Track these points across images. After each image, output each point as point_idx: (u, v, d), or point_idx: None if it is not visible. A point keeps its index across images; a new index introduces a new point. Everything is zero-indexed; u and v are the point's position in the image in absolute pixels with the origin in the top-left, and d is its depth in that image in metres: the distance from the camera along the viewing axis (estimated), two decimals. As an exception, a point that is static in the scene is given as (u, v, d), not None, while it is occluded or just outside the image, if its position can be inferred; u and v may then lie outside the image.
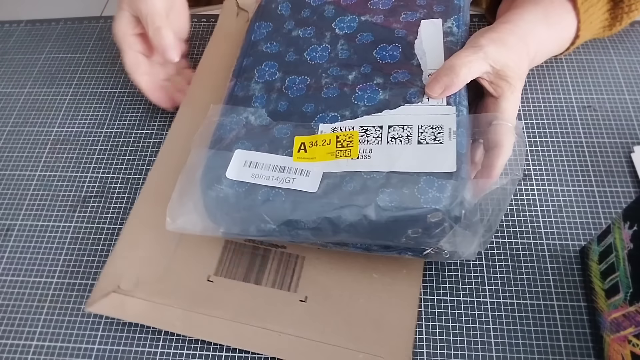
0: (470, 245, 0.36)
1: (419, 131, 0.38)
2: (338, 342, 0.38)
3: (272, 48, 0.46)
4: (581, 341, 0.39)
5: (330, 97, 0.41)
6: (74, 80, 0.56)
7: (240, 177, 0.39)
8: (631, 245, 0.34)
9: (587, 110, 0.50)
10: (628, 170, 0.46)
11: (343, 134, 0.39)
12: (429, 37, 0.43)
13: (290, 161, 0.39)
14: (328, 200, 0.36)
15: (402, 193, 0.35)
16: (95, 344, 0.41)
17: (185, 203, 0.39)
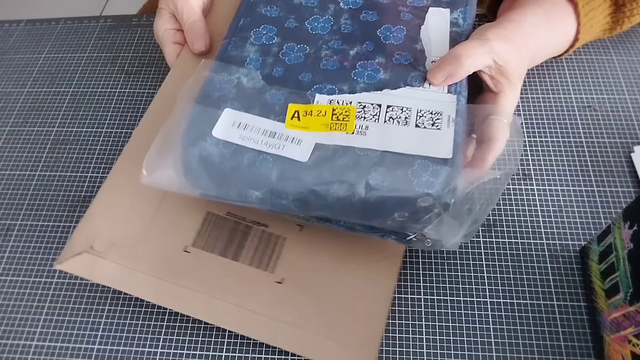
0: (455, 236, 0.35)
1: (418, 115, 0.37)
2: (309, 327, 0.38)
3: (271, 12, 0.44)
4: (581, 341, 0.39)
5: (329, 70, 0.40)
6: (74, 80, 0.56)
7: (228, 137, 0.37)
8: (631, 245, 0.34)
9: (587, 110, 0.50)
10: (628, 170, 0.46)
11: (340, 107, 0.38)
12: (435, 25, 0.42)
13: (282, 127, 0.37)
14: (318, 171, 0.35)
15: (395, 174, 0.34)
16: (95, 344, 0.41)
17: (164, 157, 0.37)
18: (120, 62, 0.58)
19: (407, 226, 0.36)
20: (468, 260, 0.42)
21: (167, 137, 0.38)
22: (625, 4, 0.48)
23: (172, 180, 0.38)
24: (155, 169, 0.37)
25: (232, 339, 0.40)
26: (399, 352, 0.39)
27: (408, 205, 0.34)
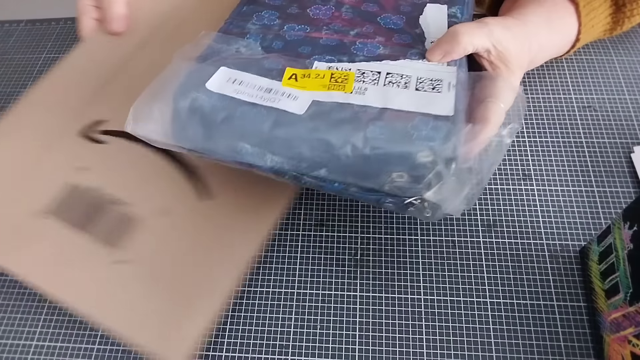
0: (456, 198, 0.33)
1: (418, 81, 0.36)
2: (144, 311, 0.38)
3: (274, 1, 0.44)
4: (581, 341, 0.39)
5: (328, 45, 0.40)
6: (74, 80, 0.56)
7: (222, 90, 0.36)
8: (631, 245, 0.34)
9: (587, 110, 0.50)
10: (628, 170, 0.46)
11: (338, 72, 0.37)
12: (433, 15, 0.42)
13: (279, 85, 0.36)
14: (314, 124, 0.34)
15: (394, 127, 0.33)
16: (95, 344, 0.41)
17: (153, 107, 0.36)
18: (120, 62, 0.57)
19: (407, 188, 0.33)
20: (468, 260, 0.42)
21: (159, 88, 0.37)
22: (625, 4, 0.48)
23: (160, 132, 0.36)
24: (142, 118, 0.36)
25: (232, 339, 0.40)
26: (399, 352, 0.39)
27: (407, 160, 0.32)
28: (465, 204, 0.34)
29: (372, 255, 0.43)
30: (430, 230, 0.44)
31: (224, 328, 0.41)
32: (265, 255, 0.44)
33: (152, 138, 0.37)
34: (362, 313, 0.41)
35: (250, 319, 0.41)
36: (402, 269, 0.42)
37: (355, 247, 0.44)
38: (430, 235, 0.44)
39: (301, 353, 0.39)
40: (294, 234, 0.45)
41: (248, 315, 0.41)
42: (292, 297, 0.42)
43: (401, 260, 0.43)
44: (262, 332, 0.40)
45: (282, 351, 0.39)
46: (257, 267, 0.43)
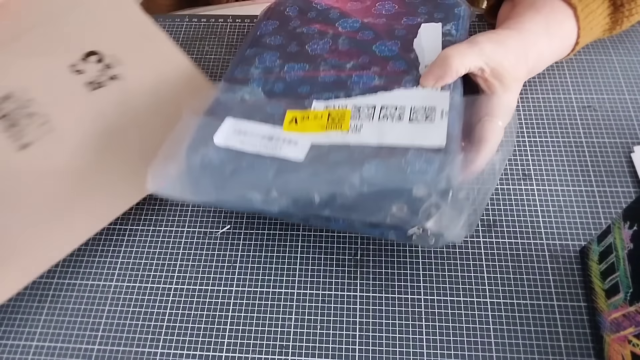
0: (456, 226, 0.34)
1: (411, 111, 0.38)
2: None
3: (275, 41, 0.47)
4: (581, 341, 0.39)
5: (326, 82, 0.42)
6: (74, 81, 0.56)
7: (228, 143, 0.38)
8: (631, 245, 0.34)
9: (587, 110, 0.50)
10: (628, 170, 0.46)
11: (335, 111, 0.39)
12: (428, 36, 0.44)
13: (280, 130, 0.39)
14: (313, 168, 0.36)
15: (388, 164, 0.34)
16: (96, 344, 0.41)
17: (168, 166, 0.39)
18: (120, 62, 0.57)
19: (406, 220, 0.35)
20: (468, 260, 0.42)
21: (172, 147, 0.39)
22: (623, 4, 0.48)
23: (176, 187, 0.38)
24: (159, 176, 0.39)
25: (232, 339, 0.40)
26: (399, 352, 0.39)
27: (404, 195, 0.34)
28: (466, 231, 0.35)
29: (372, 255, 0.43)
30: (430, 230, 0.44)
31: (224, 328, 0.41)
32: (266, 255, 0.44)
33: (172, 195, 0.39)
34: (362, 313, 0.41)
35: (250, 319, 0.41)
36: (402, 269, 0.42)
37: (355, 247, 0.44)
38: (430, 235, 0.44)
39: (301, 353, 0.39)
40: (294, 234, 0.45)
41: (248, 315, 0.41)
42: (292, 297, 0.42)
43: (401, 260, 0.43)
44: (262, 332, 0.40)
45: (282, 351, 0.39)
46: (257, 267, 0.43)
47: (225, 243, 0.45)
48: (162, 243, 0.45)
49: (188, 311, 0.42)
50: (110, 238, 0.46)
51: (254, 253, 0.44)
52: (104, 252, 0.45)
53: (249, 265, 0.43)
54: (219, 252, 0.44)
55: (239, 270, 0.43)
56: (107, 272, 0.44)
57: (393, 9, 0.48)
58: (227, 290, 0.42)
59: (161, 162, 0.39)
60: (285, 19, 0.49)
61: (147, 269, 0.44)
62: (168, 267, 0.44)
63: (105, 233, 0.46)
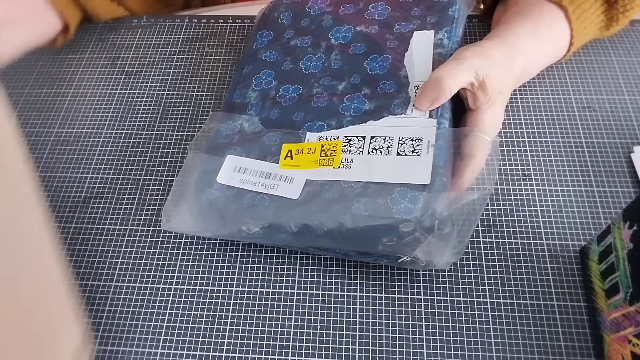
0: (443, 256, 0.37)
1: (399, 143, 0.40)
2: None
3: (270, 57, 0.49)
4: (581, 341, 0.39)
5: (319, 107, 0.44)
6: (74, 81, 0.57)
7: (230, 182, 0.41)
8: (631, 245, 0.34)
9: (587, 111, 0.50)
10: (628, 171, 0.46)
11: (328, 143, 0.42)
12: (419, 49, 0.45)
13: (277, 168, 0.41)
14: (308, 207, 0.38)
15: (376, 203, 0.37)
16: (96, 344, 0.41)
17: (180, 204, 0.42)
18: (120, 63, 0.58)
19: (398, 249, 0.38)
20: (468, 260, 0.42)
21: (181, 186, 0.43)
22: (617, 0, 0.48)
23: (188, 225, 0.42)
24: (172, 215, 0.42)
25: (232, 339, 0.40)
26: (399, 352, 0.39)
27: (392, 231, 0.37)
28: (454, 259, 0.38)
29: (372, 256, 0.43)
30: (430, 230, 0.44)
31: (224, 328, 0.41)
32: (266, 255, 0.44)
33: (186, 231, 0.43)
34: (362, 313, 0.41)
35: (250, 319, 0.41)
36: (402, 269, 0.42)
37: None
38: (430, 236, 0.44)
39: (301, 353, 0.39)
40: (294, 234, 0.45)
41: (248, 315, 0.41)
42: (292, 297, 0.42)
43: (401, 260, 0.43)
44: (262, 332, 0.40)
45: (282, 351, 0.39)
46: (257, 267, 0.43)
47: (225, 243, 0.45)
48: (162, 243, 0.45)
49: (188, 311, 0.42)
50: (110, 238, 0.46)
51: (254, 253, 0.44)
52: (104, 252, 0.45)
53: (249, 265, 0.43)
54: (219, 252, 0.44)
55: (239, 270, 0.43)
56: (107, 272, 0.44)
57: (386, 13, 0.49)
58: (227, 290, 0.42)
59: (172, 203, 0.42)
60: (280, 29, 0.50)
61: (147, 269, 0.44)
62: (168, 267, 0.44)
63: (105, 233, 0.46)
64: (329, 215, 0.38)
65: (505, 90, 0.44)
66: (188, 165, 0.43)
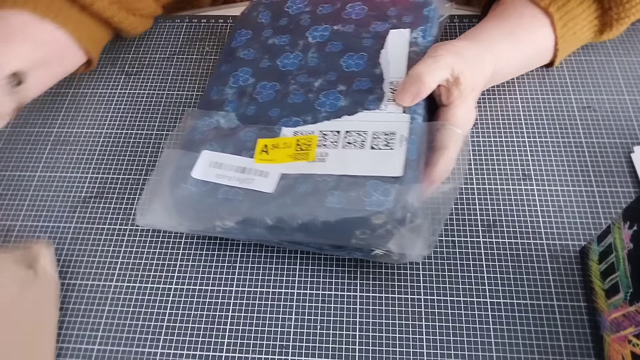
0: (415, 248, 0.37)
1: (373, 137, 0.40)
2: None
3: (248, 55, 0.49)
4: (581, 341, 0.39)
5: (295, 103, 0.44)
6: (74, 81, 0.56)
7: (205, 177, 0.41)
8: (631, 245, 0.34)
9: (587, 111, 0.50)
10: (628, 171, 0.46)
11: (303, 138, 0.42)
12: (394, 47, 0.46)
13: (252, 162, 0.41)
14: (282, 200, 0.39)
15: (349, 195, 0.37)
16: (96, 344, 0.41)
17: (154, 200, 0.42)
18: (120, 62, 0.58)
19: (370, 242, 0.38)
20: (468, 260, 0.42)
21: (156, 182, 0.42)
22: (611, 7, 0.47)
23: (162, 220, 0.42)
24: (147, 211, 0.42)
25: (232, 339, 0.40)
26: (399, 352, 0.39)
27: (364, 223, 0.37)
28: (426, 251, 0.38)
29: (372, 255, 0.43)
30: (430, 230, 0.44)
31: (224, 328, 0.41)
32: (266, 255, 0.44)
33: (161, 226, 0.42)
34: (362, 313, 0.41)
35: (250, 319, 0.41)
36: (402, 269, 0.42)
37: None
38: (430, 235, 0.44)
39: (301, 353, 0.39)
40: (294, 234, 0.45)
41: (248, 315, 0.41)
42: (292, 297, 0.42)
43: (401, 260, 0.43)
44: (262, 332, 0.40)
45: (282, 351, 0.39)
46: (257, 267, 0.43)
47: (225, 243, 0.45)
48: (162, 243, 0.45)
49: (188, 311, 0.42)
50: (110, 238, 0.46)
51: (254, 253, 0.44)
52: (104, 252, 0.45)
53: (249, 265, 0.43)
54: (219, 252, 0.44)
55: (239, 270, 0.43)
56: (107, 272, 0.44)
57: (363, 12, 0.49)
58: (227, 290, 0.42)
59: (147, 198, 0.42)
60: (258, 28, 0.50)
61: (147, 269, 0.44)
62: (168, 267, 0.44)
63: (105, 233, 0.46)
64: (303, 209, 0.38)
65: (477, 88, 0.44)
66: (163, 162, 0.43)
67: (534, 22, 0.47)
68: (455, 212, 0.45)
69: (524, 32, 0.47)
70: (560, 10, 0.46)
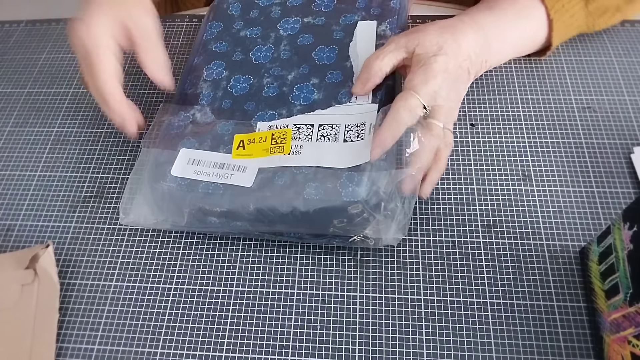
0: (389, 231, 0.39)
1: (345, 130, 0.41)
2: None
3: (220, 47, 0.49)
4: (581, 342, 0.39)
5: (270, 96, 0.45)
6: (74, 81, 0.56)
7: (184, 174, 0.41)
8: (631, 245, 0.34)
9: (587, 112, 0.50)
10: (628, 171, 0.46)
11: (278, 132, 0.43)
12: (363, 39, 0.47)
13: (230, 158, 0.42)
14: (262, 193, 0.40)
15: (326, 187, 0.39)
16: (95, 344, 0.41)
17: (136, 199, 0.42)
18: (120, 62, 0.58)
19: (348, 230, 0.40)
20: (468, 260, 0.42)
21: (136, 181, 0.43)
22: None
23: (146, 218, 0.42)
24: (130, 210, 0.42)
25: (232, 339, 0.40)
26: (399, 352, 0.39)
27: (342, 213, 0.38)
28: (400, 234, 0.39)
29: (372, 256, 0.43)
30: (430, 230, 0.44)
31: (224, 328, 0.41)
32: (266, 255, 0.44)
33: (145, 224, 0.43)
34: (362, 313, 0.41)
35: (250, 319, 0.41)
36: (402, 269, 0.42)
37: (355, 247, 0.44)
38: (430, 235, 0.44)
39: (301, 353, 0.39)
40: (294, 234, 0.45)
41: (248, 315, 0.41)
42: (292, 297, 0.42)
43: (401, 260, 0.43)
44: (262, 332, 0.40)
45: (282, 351, 0.39)
46: (257, 267, 0.43)
47: (225, 243, 0.45)
48: (162, 243, 0.45)
49: (188, 311, 0.42)
50: (110, 238, 0.46)
51: (254, 253, 0.44)
52: (104, 252, 0.45)
53: (249, 265, 0.43)
54: (219, 252, 0.44)
55: (239, 270, 0.43)
56: (107, 272, 0.44)
57: (332, 5, 0.50)
58: (227, 290, 0.42)
59: (128, 197, 0.43)
60: (229, 20, 0.51)
61: (147, 269, 0.44)
62: (168, 267, 0.44)
63: (105, 233, 0.46)
64: (282, 201, 0.39)
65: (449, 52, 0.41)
66: (141, 160, 0.43)
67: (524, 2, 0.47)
68: (455, 212, 0.45)
69: (505, 5, 0.46)
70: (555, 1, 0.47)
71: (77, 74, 0.57)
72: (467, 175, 0.47)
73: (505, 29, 0.46)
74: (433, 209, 0.45)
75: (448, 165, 0.47)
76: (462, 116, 0.50)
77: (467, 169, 0.47)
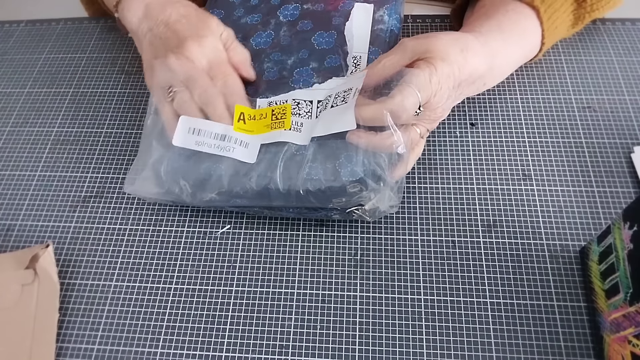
0: (385, 202, 0.41)
1: (335, 97, 0.42)
2: None
3: None
4: (581, 341, 0.39)
5: (270, 80, 0.45)
6: (74, 80, 0.56)
7: (185, 144, 0.42)
8: (631, 245, 0.34)
9: (587, 111, 0.50)
10: (628, 171, 0.46)
11: (278, 107, 0.43)
12: (359, 20, 0.47)
13: (231, 129, 0.42)
14: (264, 170, 0.41)
15: (325, 167, 0.40)
16: (95, 344, 0.41)
17: (140, 169, 0.44)
18: (120, 62, 0.58)
19: (347, 205, 0.41)
20: (468, 260, 0.42)
21: (142, 150, 0.44)
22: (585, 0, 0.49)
23: (149, 189, 0.43)
24: (134, 180, 0.44)
25: (232, 339, 0.40)
26: (399, 352, 0.39)
27: (341, 192, 0.40)
28: (395, 200, 0.41)
29: (372, 255, 0.43)
30: (430, 230, 0.44)
31: (224, 328, 0.41)
32: (266, 255, 0.44)
33: (148, 195, 0.44)
34: (362, 313, 0.41)
35: (250, 319, 0.41)
36: (402, 269, 0.42)
37: (355, 247, 0.44)
38: (430, 235, 0.44)
39: (301, 353, 0.39)
40: (294, 234, 0.45)
41: (248, 315, 0.41)
42: (292, 297, 0.42)
43: (401, 260, 0.43)
44: (262, 332, 0.40)
45: (282, 351, 0.39)
46: (257, 267, 0.43)
47: (225, 243, 0.45)
48: (162, 243, 0.45)
49: (188, 311, 0.42)
50: (110, 238, 0.46)
51: (254, 253, 0.44)
52: (104, 252, 0.45)
53: (249, 265, 0.43)
54: (219, 252, 0.44)
55: (239, 270, 0.43)
56: (107, 272, 0.44)
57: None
58: (227, 290, 0.42)
59: (134, 168, 0.44)
60: (230, 7, 0.51)
61: (147, 269, 0.44)
62: (168, 267, 0.44)
63: (105, 233, 0.46)
64: (283, 179, 0.40)
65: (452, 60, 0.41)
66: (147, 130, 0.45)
67: (520, 16, 0.47)
68: (455, 212, 0.45)
69: (512, 26, 0.47)
70: (544, 4, 0.47)
71: (77, 74, 0.57)
72: (467, 175, 0.47)
73: (509, 52, 0.47)
74: (433, 209, 0.45)
75: (448, 165, 0.47)
76: (462, 116, 0.50)
77: (467, 169, 0.47)
